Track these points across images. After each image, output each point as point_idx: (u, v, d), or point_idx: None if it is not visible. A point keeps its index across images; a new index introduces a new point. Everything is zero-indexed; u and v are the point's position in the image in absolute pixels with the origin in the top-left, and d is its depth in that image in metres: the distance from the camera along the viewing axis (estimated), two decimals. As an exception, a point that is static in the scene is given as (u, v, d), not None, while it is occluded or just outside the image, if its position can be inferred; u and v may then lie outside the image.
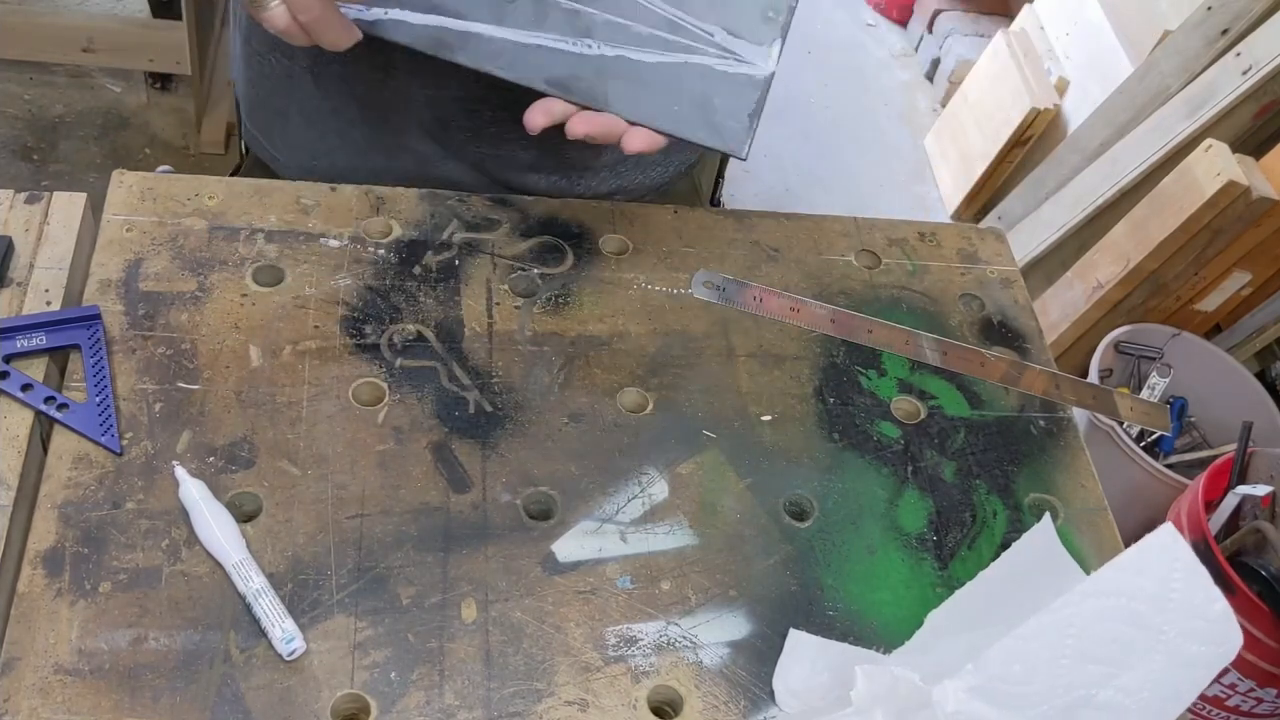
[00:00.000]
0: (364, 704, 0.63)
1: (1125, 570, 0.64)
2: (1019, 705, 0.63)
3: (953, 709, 0.63)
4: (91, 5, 2.35)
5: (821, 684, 0.67)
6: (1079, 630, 0.64)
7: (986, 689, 0.63)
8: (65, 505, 0.67)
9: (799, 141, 2.55)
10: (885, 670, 0.64)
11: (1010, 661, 0.63)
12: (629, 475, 0.76)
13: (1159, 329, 2.06)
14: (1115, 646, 0.64)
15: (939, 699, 0.63)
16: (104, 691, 0.61)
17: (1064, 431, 0.86)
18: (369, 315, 0.81)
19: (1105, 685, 0.65)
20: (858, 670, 0.64)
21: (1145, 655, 0.65)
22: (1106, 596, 0.64)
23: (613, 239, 0.90)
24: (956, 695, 0.63)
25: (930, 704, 0.63)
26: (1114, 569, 0.64)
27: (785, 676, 0.68)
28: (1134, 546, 0.64)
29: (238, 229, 0.83)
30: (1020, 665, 0.63)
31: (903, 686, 0.64)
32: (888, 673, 0.64)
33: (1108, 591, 0.64)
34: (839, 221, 0.97)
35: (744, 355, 0.85)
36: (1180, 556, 0.65)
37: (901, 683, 0.64)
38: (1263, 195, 1.85)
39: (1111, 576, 0.64)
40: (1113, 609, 0.65)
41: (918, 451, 0.82)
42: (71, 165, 2.16)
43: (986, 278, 0.95)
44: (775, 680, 0.68)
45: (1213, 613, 0.66)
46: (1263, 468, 1.75)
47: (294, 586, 0.67)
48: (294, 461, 0.72)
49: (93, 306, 0.75)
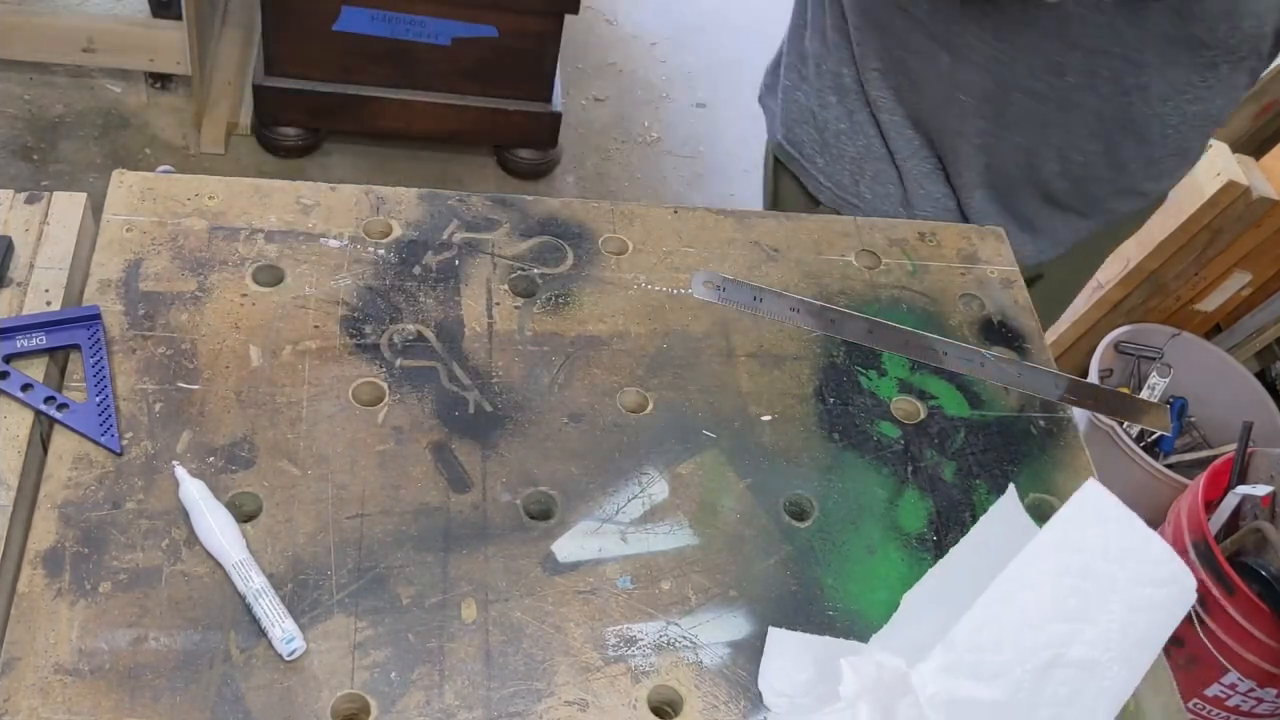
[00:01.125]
0: (364, 704, 0.63)
1: (1063, 527, 0.66)
2: (994, 674, 0.64)
3: (932, 690, 0.63)
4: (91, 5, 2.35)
5: (806, 680, 0.67)
6: (1035, 591, 0.65)
7: (961, 664, 0.64)
8: (65, 505, 0.67)
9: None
10: (870, 660, 0.65)
11: (976, 633, 0.64)
12: (629, 475, 0.76)
13: (1159, 329, 2.05)
14: (1073, 601, 0.65)
15: (917, 683, 0.63)
16: (104, 691, 0.61)
17: (1064, 431, 0.86)
18: (369, 315, 0.81)
19: (1073, 642, 0.65)
20: (843, 664, 0.64)
21: (1103, 606, 0.66)
22: (1052, 554, 0.66)
23: (613, 239, 0.90)
24: (933, 676, 0.63)
25: (910, 690, 0.63)
26: (1051, 528, 0.66)
27: (769, 676, 0.68)
28: (1066, 504, 0.66)
29: (238, 229, 0.83)
30: (987, 635, 0.64)
31: (888, 674, 0.64)
32: (872, 662, 0.64)
33: (1052, 548, 0.66)
34: (839, 221, 0.97)
35: (744, 355, 0.85)
36: (1109, 506, 0.66)
37: (887, 670, 0.64)
38: (1263, 195, 1.85)
39: (1051, 536, 0.66)
40: (1061, 565, 0.66)
41: (918, 451, 0.82)
42: (71, 165, 2.16)
43: (986, 278, 0.95)
44: (760, 681, 0.68)
45: (1154, 554, 0.67)
46: (1263, 468, 1.75)
47: (294, 586, 0.67)
48: (294, 461, 0.72)
49: (93, 306, 0.75)
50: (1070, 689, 0.66)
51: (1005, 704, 0.64)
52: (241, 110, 2.26)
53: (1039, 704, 0.65)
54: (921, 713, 0.63)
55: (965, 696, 0.64)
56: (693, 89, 2.61)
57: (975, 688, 0.64)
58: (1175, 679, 0.74)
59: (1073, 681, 0.66)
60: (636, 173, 2.42)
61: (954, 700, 0.63)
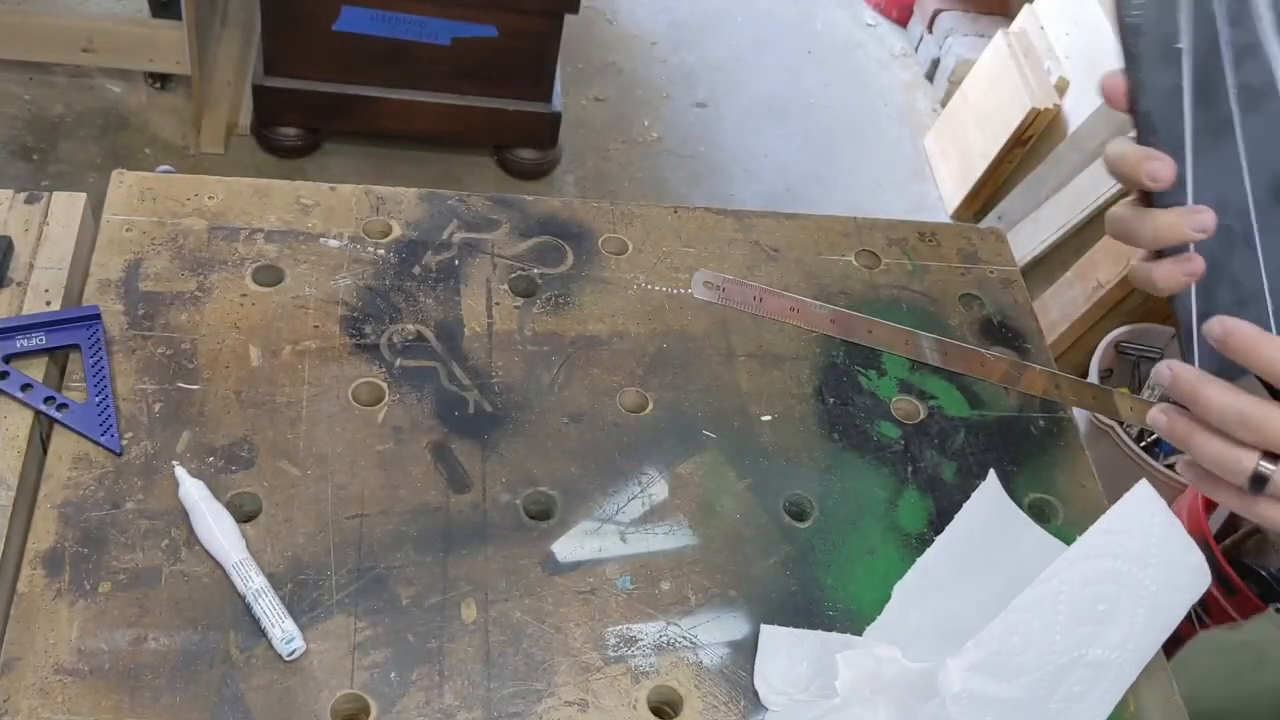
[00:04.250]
0: (364, 704, 0.63)
1: (1109, 533, 0.65)
2: (1015, 674, 0.64)
3: (958, 689, 0.63)
4: (91, 5, 2.35)
5: (802, 675, 0.67)
6: (1069, 596, 0.65)
7: (987, 664, 0.64)
8: (65, 505, 0.67)
9: (799, 141, 2.55)
10: (866, 654, 0.65)
11: (1008, 635, 0.64)
12: (629, 475, 0.76)
13: (1159, 329, 2.05)
14: (1102, 607, 0.65)
15: (944, 682, 0.63)
16: (104, 692, 0.61)
17: (1064, 431, 0.86)
18: (369, 315, 0.81)
19: (1093, 644, 0.66)
20: (839, 659, 0.64)
21: (1130, 611, 0.66)
22: (1093, 560, 0.65)
23: (613, 239, 0.90)
24: (960, 675, 0.63)
25: (935, 687, 0.63)
26: (1098, 533, 0.65)
27: (765, 673, 0.68)
28: (1115, 506, 0.65)
29: (238, 229, 0.83)
30: (1018, 637, 0.64)
31: (886, 667, 0.64)
32: (869, 656, 0.64)
33: (1094, 555, 0.65)
34: (839, 221, 0.97)
35: (744, 355, 0.85)
36: (1157, 513, 0.66)
37: (885, 663, 0.64)
38: (1263, 195, 1.84)
39: (1097, 540, 0.65)
40: (1098, 571, 0.65)
41: (918, 451, 0.82)
42: (71, 165, 2.16)
43: (986, 278, 0.95)
44: (756, 679, 0.68)
45: (1191, 564, 0.67)
46: (1263, 468, 1.75)
47: (294, 586, 0.67)
48: (294, 461, 0.72)
49: (93, 306, 0.75)
50: (1083, 688, 0.66)
51: (1021, 701, 0.65)
52: (241, 110, 2.26)
53: (1051, 699, 0.66)
54: (945, 710, 0.63)
55: (987, 694, 0.64)
56: (693, 89, 2.61)
57: (997, 686, 0.64)
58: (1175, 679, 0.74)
59: (1086, 681, 0.66)
60: (636, 173, 2.41)
61: (976, 698, 0.63)
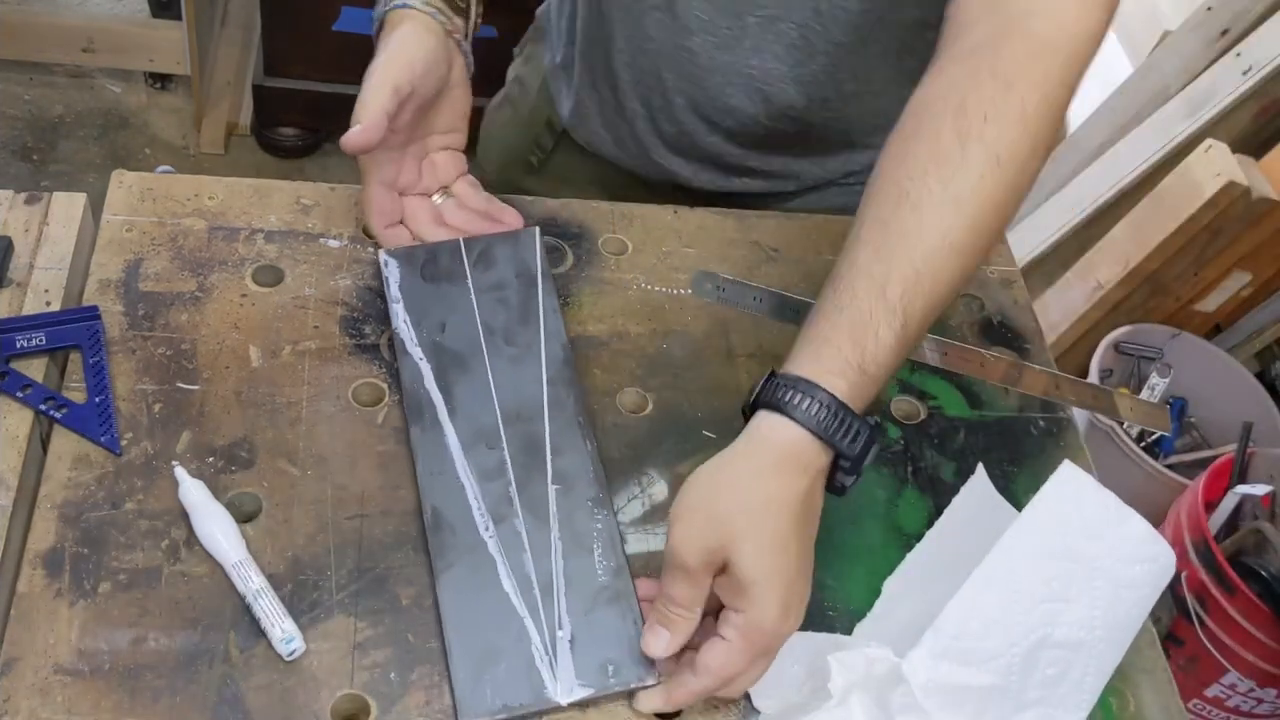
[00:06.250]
0: (364, 704, 0.63)
1: (1043, 508, 0.66)
2: (984, 659, 0.64)
3: (924, 679, 0.63)
4: (91, 5, 2.35)
5: (794, 677, 0.67)
6: (1019, 574, 0.65)
7: (950, 650, 0.64)
8: (65, 505, 0.67)
9: (799, 142, 2.56)
10: (859, 654, 0.64)
11: (965, 619, 0.64)
12: (629, 475, 0.76)
13: (1159, 329, 2.05)
14: (1057, 583, 0.66)
15: (909, 672, 0.63)
16: (104, 692, 0.61)
17: (1064, 431, 0.86)
18: (369, 315, 0.81)
19: (1058, 622, 0.66)
20: (831, 660, 0.63)
21: (1087, 585, 0.66)
22: (1034, 536, 0.66)
23: (612, 239, 0.90)
24: (924, 664, 0.63)
25: (903, 679, 0.63)
26: (1031, 510, 0.66)
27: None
28: (1044, 485, 0.66)
29: (237, 229, 0.83)
30: (976, 621, 0.64)
31: (878, 665, 0.64)
32: (861, 655, 0.64)
33: (1034, 530, 0.66)
34: (839, 222, 0.96)
35: (744, 355, 0.85)
36: (1087, 486, 0.67)
37: (876, 662, 0.64)
38: (1263, 195, 1.84)
39: (1031, 517, 0.66)
40: (1043, 546, 0.66)
41: (918, 451, 0.82)
42: (71, 165, 2.16)
43: (986, 278, 0.95)
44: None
45: (1135, 531, 0.68)
46: (1263, 468, 1.75)
47: (294, 586, 0.67)
48: (294, 462, 0.72)
49: (92, 306, 0.75)
50: (1058, 669, 0.66)
51: (998, 688, 0.65)
52: (241, 110, 2.26)
53: (1028, 685, 0.66)
54: (915, 701, 0.63)
55: (958, 683, 0.64)
56: (692, 89, 2.60)
57: (967, 673, 0.64)
58: (1175, 679, 0.74)
59: (1060, 662, 0.66)
60: (636, 173, 2.41)
61: (946, 687, 0.63)
